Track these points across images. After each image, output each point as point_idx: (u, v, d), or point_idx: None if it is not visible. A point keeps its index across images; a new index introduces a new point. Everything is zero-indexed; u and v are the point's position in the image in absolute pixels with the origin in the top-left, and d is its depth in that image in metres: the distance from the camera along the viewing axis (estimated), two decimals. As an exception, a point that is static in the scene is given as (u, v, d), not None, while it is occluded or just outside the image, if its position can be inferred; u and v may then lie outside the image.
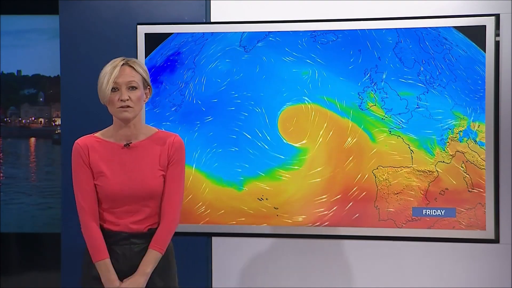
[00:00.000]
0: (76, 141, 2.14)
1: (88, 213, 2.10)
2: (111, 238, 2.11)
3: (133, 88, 2.09)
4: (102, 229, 2.12)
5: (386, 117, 2.67)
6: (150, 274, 2.10)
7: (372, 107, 2.67)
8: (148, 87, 2.17)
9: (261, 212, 2.77)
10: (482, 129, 2.61)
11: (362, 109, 2.68)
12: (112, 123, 2.15)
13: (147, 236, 2.13)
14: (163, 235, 2.13)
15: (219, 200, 2.79)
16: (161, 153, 2.14)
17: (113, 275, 2.08)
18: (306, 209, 2.74)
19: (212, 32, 2.76)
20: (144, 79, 2.13)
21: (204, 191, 2.79)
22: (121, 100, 2.07)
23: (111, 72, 2.07)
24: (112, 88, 2.07)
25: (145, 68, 2.16)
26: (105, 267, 2.08)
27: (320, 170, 2.71)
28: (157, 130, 2.20)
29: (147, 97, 2.17)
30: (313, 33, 2.71)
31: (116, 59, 2.11)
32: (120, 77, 2.08)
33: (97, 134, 2.17)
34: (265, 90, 2.74)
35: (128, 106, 2.08)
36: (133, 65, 2.11)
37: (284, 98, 2.73)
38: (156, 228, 2.13)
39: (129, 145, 2.13)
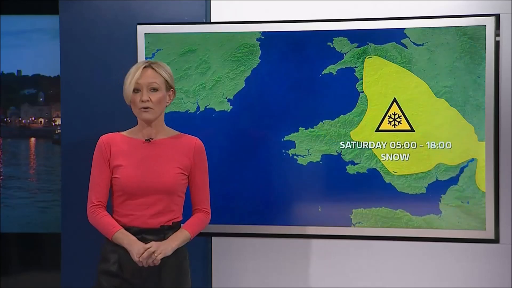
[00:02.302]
0: (101, 136, 2.24)
1: (95, 205, 2.21)
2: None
3: (154, 90, 2.17)
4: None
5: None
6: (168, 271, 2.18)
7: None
8: (172, 89, 2.25)
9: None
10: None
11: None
12: (137, 123, 2.26)
13: (159, 233, 2.17)
14: (198, 222, 2.27)
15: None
16: (182, 153, 2.23)
17: (133, 237, 2.14)
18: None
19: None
20: (166, 82, 2.21)
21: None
22: (142, 101, 2.15)
23: (134, 73, 2.15)
24: (134, 89, 2.16)
25: (170, 71, 2.25)
26: (123, 234, 2.14)
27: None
28: (178, 132, 2.30)
29: (170, 100, 2.25)
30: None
31: (141, 61, 2.22)
32: (142, 79, 2.16)
33: (123, 132, 2.27)
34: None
35: (148, 107, 2.16)
36: (156, 68, 2.19)
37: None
38: (169, 226, 2.19)
39: (149, 141, 2.22)
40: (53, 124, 4.03)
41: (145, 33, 2.80)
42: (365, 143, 2.71)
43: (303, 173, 2.73)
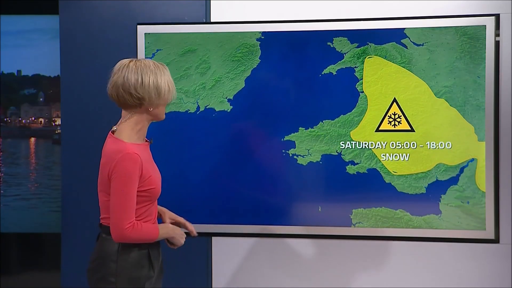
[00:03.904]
0: (133, 152, 2.05)
1: (135, 222, 2.09)
2: None
3: None
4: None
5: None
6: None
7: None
8: None
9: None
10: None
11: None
12: (128, 124, 2.14)
13: None
14: None
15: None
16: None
17: (171, 225, 2.24)
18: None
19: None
20: None
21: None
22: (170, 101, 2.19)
23: (170, 75, 2.16)
24: None
25: None
26: (162, 225, 2.20)
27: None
28: None
29: None
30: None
31: (153, 62, 2.14)
32: None
33: (129, 140, 2.11)
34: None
35: None
36: None
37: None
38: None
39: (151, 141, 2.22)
40: (53, 124, 4.03)
41: (145, 33, 2.80)
42: (365, 143, 2.71)
43: (303, 173, 2.73)
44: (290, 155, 2.75)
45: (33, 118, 4.04)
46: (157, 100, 2.11)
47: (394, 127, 2.69)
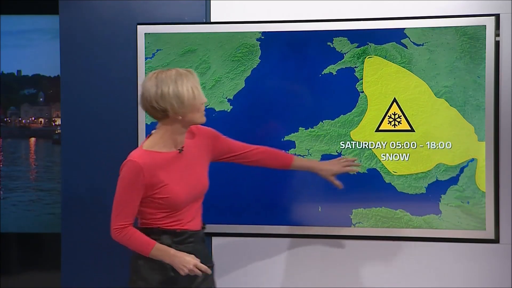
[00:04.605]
0: (133, 159, 2.09)
1: (124, 226, 2.11)
2: (177, 237, 2.16)
3: None
4: (162, 229, 2.15)
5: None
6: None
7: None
8: None
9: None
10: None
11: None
12: (158, 132, 2.15)
13: (201, 234, 2.25)
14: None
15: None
16: (203, 147, 2.25)
17: (173, 250, 2.11)
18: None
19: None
20: None
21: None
22: (202, 104, 2.15)
23: (195, 80, 2.12)
24: None
25: None
26: (161, 247, 2.11)
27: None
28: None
29: None
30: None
31: (181, 69, 2.14)
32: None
33: (147, 147, 2.14)
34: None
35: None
36: None
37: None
38: (203, 227, 2.26)
39: (182, 150, 2.17)
40: (53, 124, 4.03)
41: (145, 33, 2.80)
42: (365, 143, 2.71)
43: (303, 173, 2.73)
44: (290, 155, 2.75)
45: (33, 118, 4.04)
46: (181, 108, 2.08)
47: (394, 127, 2.69)
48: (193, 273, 2.08)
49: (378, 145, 2.70)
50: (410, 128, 2.68)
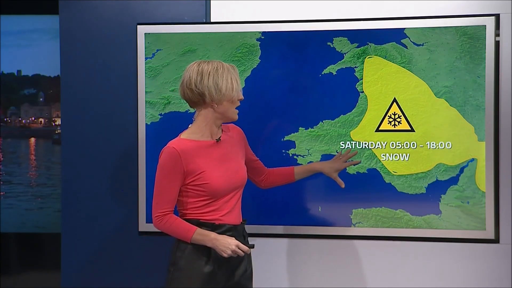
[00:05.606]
0: (171, 146, 2.17)
1: (166, 213, 2.16)
2: (216, 229, 2.17)
3: None
4: (200, 222, 2.18)
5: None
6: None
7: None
8: None
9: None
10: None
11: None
12: (195, 122, 2.22)
13: (241, 228, 2.28)
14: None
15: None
16: (237, 145, 2.31)
17: (214, 234, 2.14)
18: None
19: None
20: None
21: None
22: (238, 100, 2.21)
23: (236, 75, 2.20)
24: None
25: None
26: (202, 232, 2.14)
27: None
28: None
29: None
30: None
31: (218, 62, 2.20)
32: None
33: (185, 136, 2.22)
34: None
35: None
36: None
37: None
38: (242, 221, 2.29)
39: (219, 140, 2.23)
40: (53, 124, 4.04)
41: (145, 33, 2.80)
42: (365, 143, 2.71)
43: (303, 173, 2.73)
44: (290, 155, 2.75)
45: (33, 118, 4.05)
46: (218, 95, 2.16)
47: (394, 127, 2.69)
48: (235, 254, 2.12)
49: (378, 145, 2.70)
50: (410, 128, 2.68)
